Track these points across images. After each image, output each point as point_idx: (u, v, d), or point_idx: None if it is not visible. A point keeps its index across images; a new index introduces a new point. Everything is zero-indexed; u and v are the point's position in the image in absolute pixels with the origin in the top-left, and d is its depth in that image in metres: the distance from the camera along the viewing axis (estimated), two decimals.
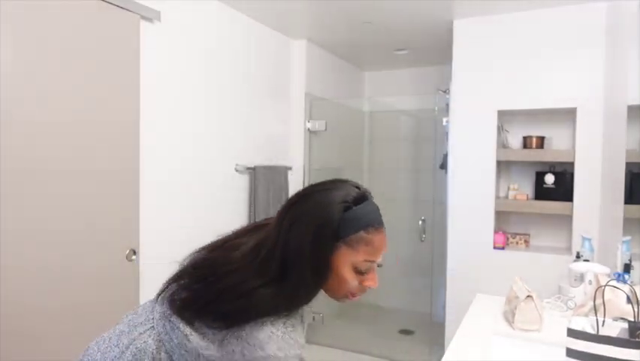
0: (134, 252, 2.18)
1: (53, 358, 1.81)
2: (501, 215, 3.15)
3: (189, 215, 2.58)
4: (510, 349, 1.58)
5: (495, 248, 3.00)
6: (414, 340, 3.75)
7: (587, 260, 2.10)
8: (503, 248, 3.00)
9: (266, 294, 0.87)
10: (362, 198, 0.94)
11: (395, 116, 4.49)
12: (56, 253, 1.87)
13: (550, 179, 2.97)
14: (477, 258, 3.02)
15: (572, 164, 2.83)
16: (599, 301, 1.37)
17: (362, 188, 0.96)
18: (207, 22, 2.71)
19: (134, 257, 2.18)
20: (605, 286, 1.41)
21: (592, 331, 1.23)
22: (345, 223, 0.89)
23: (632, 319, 1.25)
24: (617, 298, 1.47)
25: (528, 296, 1.62)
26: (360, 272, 0.92)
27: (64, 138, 1.89)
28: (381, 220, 0.94)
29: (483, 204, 3.02)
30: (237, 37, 2.98)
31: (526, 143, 3.05)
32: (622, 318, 1.34)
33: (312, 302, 0.94)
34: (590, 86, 2.76)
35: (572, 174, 2.84)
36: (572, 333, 1.19)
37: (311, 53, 3.66)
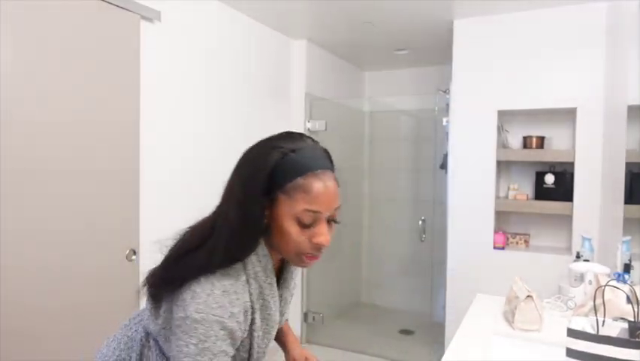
0: (134, 252, 2.18)
1: (53, 358, 1.81)
2: (501, 215, 3.15)
3: (189, 215, 2.56)
4: (510, 349, 1.58)
5: (495, 248, 3.00)
6: (414, 340, 3.75)
7: (587, 260, 2.10)
8: (503, 248, 3.00)
9: (197, 253, 0.85)
10: (302, 144, 0.86)
11: (395, 116, 4.49)
12: (56, 253, 1.87)
13: (550, 179, 2.97)
14: (477, 258, 3.02)
15: (572, 164, 2.83)
16: (599, 301, 1.37)
17: (307, 136, 0.90)
18: (207, 22, 2.71)
19: (134, 257, 2.18)
20: (605, 286, 1.41)
21: (592, 331, 1.23)
22: (280, 171, 0.83)
23: (632, 319, 1.25)
24: (617, 298, 1.47)
25: (528, 296, 1.62)
26: (305, 225, 0.83)
27: (64, 138, 1.89)
28: (322, 165, 0.85)
29: (483, 204, 3.02)
30: (238, 37, 2.98)
31: (526, 143, 3.05)
32: (622, 318, 1.34)
33: (266, 263, 0.88)
34: (590, 86, 2.76)
35: (572, 174, 2.84)
36: (572, 333, 1.19)
37: (311, 53, 3.66)
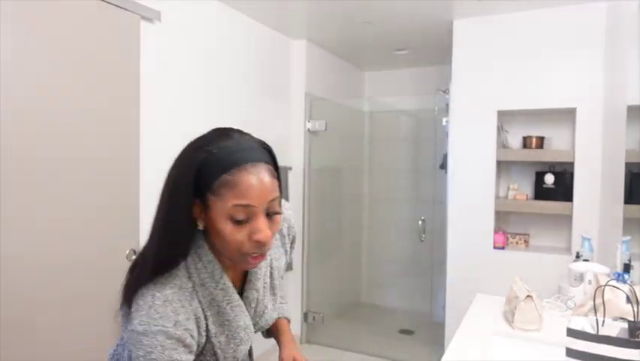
0: (134, 252, 2.18)
1: (54, 358, 1.81)
2: (501, 215, 3.15)
3: None
4: (510, 349, 1.58)
5: (495, 248, 3.00)
6: (414, 340, 3.76)
7: (587, 260, 2.10)
8: (503, 248, 3.00)
9: (135, 262, 0.84)
10: (227, 140, 0.83)
11: (395, 116, 4.49)
12: (56, 253, 1.86)
13: (550, 179, 2.97)
14: (477, 258, 3.03)
15: (572, 164, 2.83)
16: (599, 301, 1.37)
17: (235, 130, 0.87)
18: (207, 22, 2.71)
19: (134, 257, 2.17)
20: (605, 286, 1.41)
21: (592, 331, 1.23)
22: (205, 171, 0.80)
23: (632, 319, 1.25)
24: (617, 298, 1.47)
25: (528, 296, 1.62)
26: (238, 222, 0.80)
27: (64, 138, 1.89)
28: (251, 157, 0.82)
29: (483, 204, 3.02)
30: (237, 37, 2.98)
31: (526, 143, 3.05)
32: (622, 318, 1.34)
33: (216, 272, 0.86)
34: (590, 86, 2.76)
35: (572, 174, 2.84)
36: (572, 333, 1.19)
37: (311, 53, 3.66)
